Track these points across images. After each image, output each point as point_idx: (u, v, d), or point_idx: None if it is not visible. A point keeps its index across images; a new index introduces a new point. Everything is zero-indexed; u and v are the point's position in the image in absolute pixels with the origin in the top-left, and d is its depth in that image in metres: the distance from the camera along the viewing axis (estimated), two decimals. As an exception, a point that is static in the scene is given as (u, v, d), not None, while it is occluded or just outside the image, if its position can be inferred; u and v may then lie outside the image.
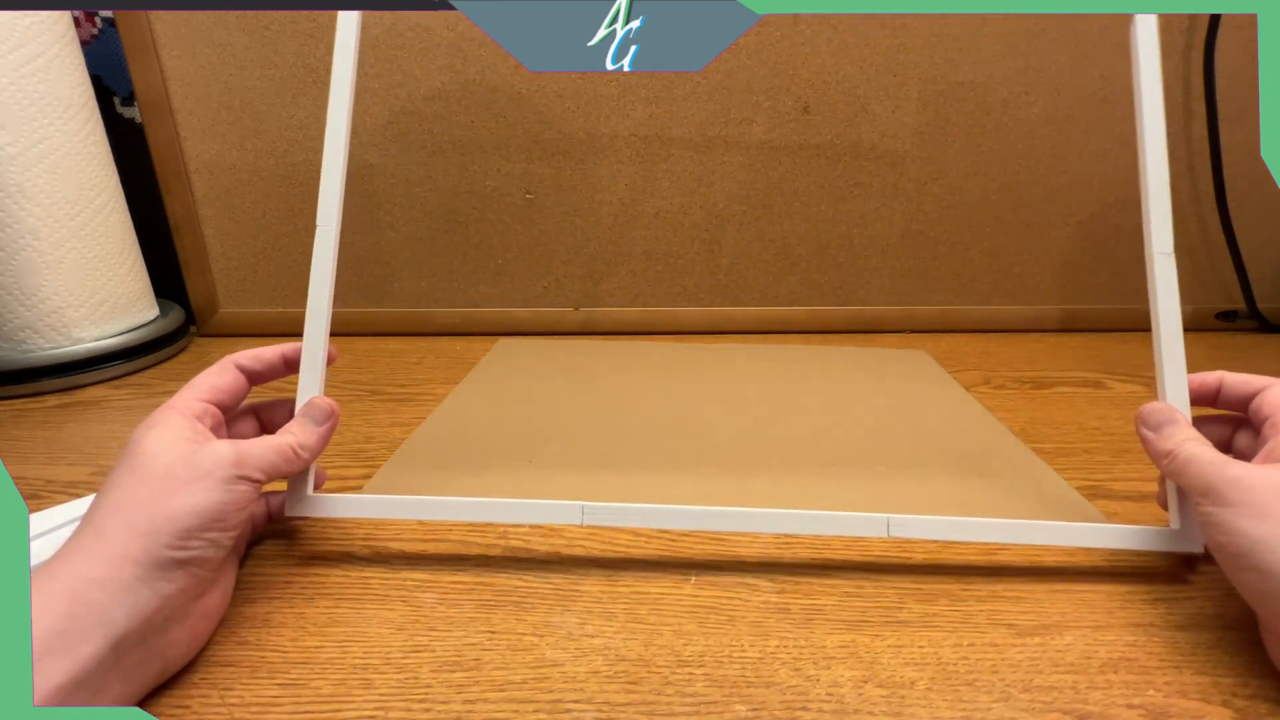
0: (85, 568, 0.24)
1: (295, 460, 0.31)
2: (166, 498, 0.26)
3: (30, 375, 0.54)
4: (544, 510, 0.33)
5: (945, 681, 0.26)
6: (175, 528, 0.25)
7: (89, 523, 0.26)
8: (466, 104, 0.62)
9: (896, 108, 0.63)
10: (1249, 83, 0.62)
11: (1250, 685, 0.26)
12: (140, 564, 0.24)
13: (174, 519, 0.26)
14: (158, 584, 0.25)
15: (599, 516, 0.32)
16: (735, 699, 0.25)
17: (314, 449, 0.32)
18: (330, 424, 0.33)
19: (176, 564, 0.25)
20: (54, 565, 0.24)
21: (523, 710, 0.25)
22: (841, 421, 0.48)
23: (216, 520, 0.27)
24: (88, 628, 0.22)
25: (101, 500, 0.26)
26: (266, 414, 0.35)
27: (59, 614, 0.22)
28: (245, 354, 0.33)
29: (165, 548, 0.25)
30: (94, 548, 0.24)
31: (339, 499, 0.33)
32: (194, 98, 0.62)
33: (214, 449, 0.28)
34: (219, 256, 0.66)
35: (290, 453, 0.30)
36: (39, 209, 0.52)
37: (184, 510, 0.26)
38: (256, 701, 0.25)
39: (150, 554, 0.25)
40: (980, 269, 0.68)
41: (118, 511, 0.25)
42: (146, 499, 0.26)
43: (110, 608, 0.23)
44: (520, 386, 0.54)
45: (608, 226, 0.66)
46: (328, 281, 0.35)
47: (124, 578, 0.24)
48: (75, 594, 0.23)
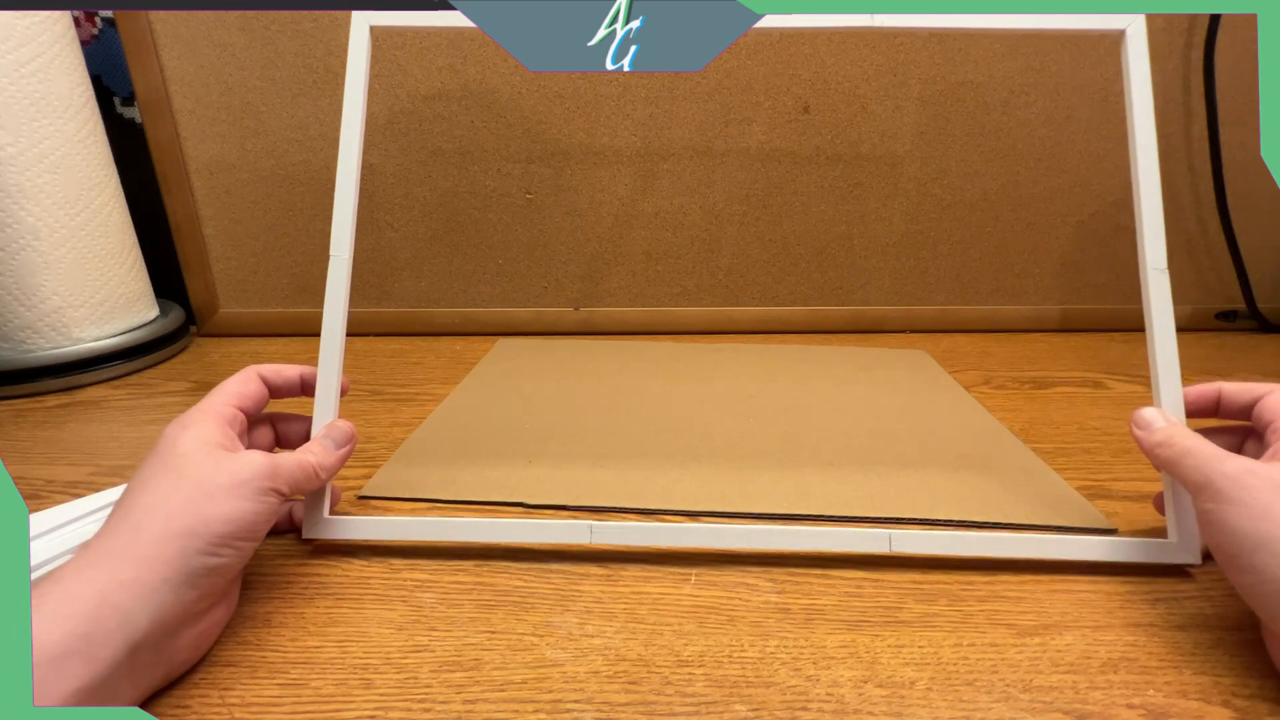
0: (116, 568, 0.24)
1: (315, 480, 0.32)
2: (205, 503, 0.26)
3: (30, 375, 0.54)
4: (553, 530, 0.33)
5: (945, 681, 0.26)
6: (211, 532, 0.26)
7: (124, 518, 0.26)
8: (466, 104, 0.62)
9: (896, 108, 0.63)
10: (1249, 83, 0.62)
11: (1250, 685, 0.26)
12: (171, 566, 0.25)
13: (210, 524, 0.26)
14: (182, 589, 0.25)
15: (607, 535, 0.33)
16: (735, 699, 0.25)
17: (332, 471, 0.33)
18: (349, 448, 0.34)
19: (205, 570, 0.26)
20: (87, 562, 0.24)
21: (523, 710, 0.25)
22: (841, 422, 0.48)
23: (248, 529, 0.27)
24: (110, 631, 0.23)
25: (137, 498, 0.26)
26: (283, 425, 0.36)
27: (84, 615, 0.22)
28: (268, 367, 0.34)
29: (198, 553, 0.25)
30: (129, 548, 0.25)
31: (356, 521, 0.34)
32: (194, 98, 0.62)
33: (251, 458, 0.28)
34: (219, 256, 0.66)
35: (312, 471, 0.31)
36: (39, 209, 0.52)
37: (220, 516, 0.26)
38: (256, 701, 0.25)
39: (183, 557, 0.25)
40: (980, 269, 0.68)
41: (154, 511, 0.26)
42: (185, 501, 0.26)
43: (134, 611, 0.23)
44: (520, 386, 0.54)
45: (608, 226, 0.66)
46: (341, 308, 0.35)
47: (152, 580, 0.24)
48: (104, 595, 0.23)
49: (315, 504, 0.34)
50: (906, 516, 0.37)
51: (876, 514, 0.37)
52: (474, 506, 0.38)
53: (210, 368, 0.60)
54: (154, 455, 0.28)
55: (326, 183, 0.64)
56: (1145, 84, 0.34)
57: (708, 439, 0.45)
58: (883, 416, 0.49)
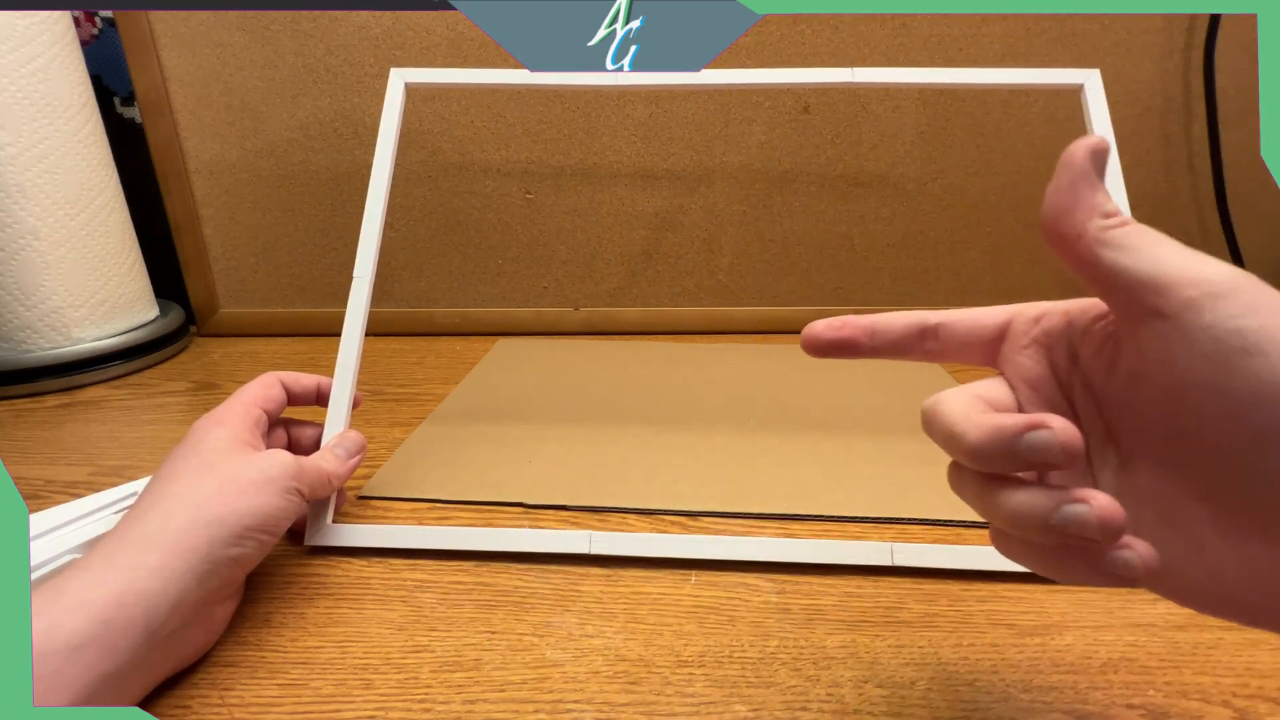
0: (142, 553, 0.24)
1: (328, 486, 0.33)
2: (234, 494, 0.27)
3: (30, 375, 0.54)
4: (552, 539, 0.33)
5: (945, 681, 0.26)
6: (239, 523, 0.27)
7: (153, 506, 0.26)
8: (466, 104, 0.62)
9: (896, 108, 0.63)
10: (1249, 83, 0.62)
11: (1250, 685, 0.26)
12: (197, 554, 0.25)
13: (239, 514, 0.27)
14: (206, 578, 0.25)
15: (606, 545, 0.33)
16: (735, 699, 0.25)
17: (342, 479, 0.34)
18: (359, 458, 0.35)
19: (229, 561, 0.26)
20: (112, 549, 0.25)
21: (523, 710, 0.25)
22: (842, 422, 0.48)
23: (272, 523, 0.28)
24: (132, 617, 0.23)
25: (167, 486, 0.27)
26: (296, 430, 0.37)
27: (106, 603, 0.23)
28: (288, 375, 0.36)
29: (224, 543, 0.26)
30: (156, 535, 0.25)
31: (358, 529, 0.34)
32: (194, 98, 0.62)
33: (280, 457, 0.29)
34: (219, 256, 0.66)
35: (326, 477, 0.32)
36: (39, 209, 0.52)
37: (249, 509, 0.27)
38: (256, 701, 0.25)
39: (210, 546, 0.26)
40: (980, 269, 0.68)
41: (184, 499, 0.26)
42: (214, 492, 0.27)
43: (157, 597, 0.24)
44: (520, 386, 0.54)
45: (608, 226, 0.66)
46: (361, 324, 0.38)
47: (178, 567, 0.25)
48: (129, 581, 0.24)
49: (319, 511, 0.34)
50: (907, 517, 0.36)
51: (877, 514, 0.37)
52: (474, 507, 0.38)
53: (210, 368, 0.60)
54: (184, 448, 0.29)
55: (327, 183, 0.64)
56: (1107, 130, 0.37)
57: (708, 439, 0.45)
58: (883, 417, 0.49)
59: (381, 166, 0.41)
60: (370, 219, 0.40)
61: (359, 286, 0.39)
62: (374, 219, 0.40)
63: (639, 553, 0.33)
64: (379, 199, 0.40)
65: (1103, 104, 0.38)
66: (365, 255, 0.39)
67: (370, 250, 0.39)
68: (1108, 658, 0.27)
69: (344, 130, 0.63)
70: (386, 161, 0.41)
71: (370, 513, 0.37)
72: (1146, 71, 0.62)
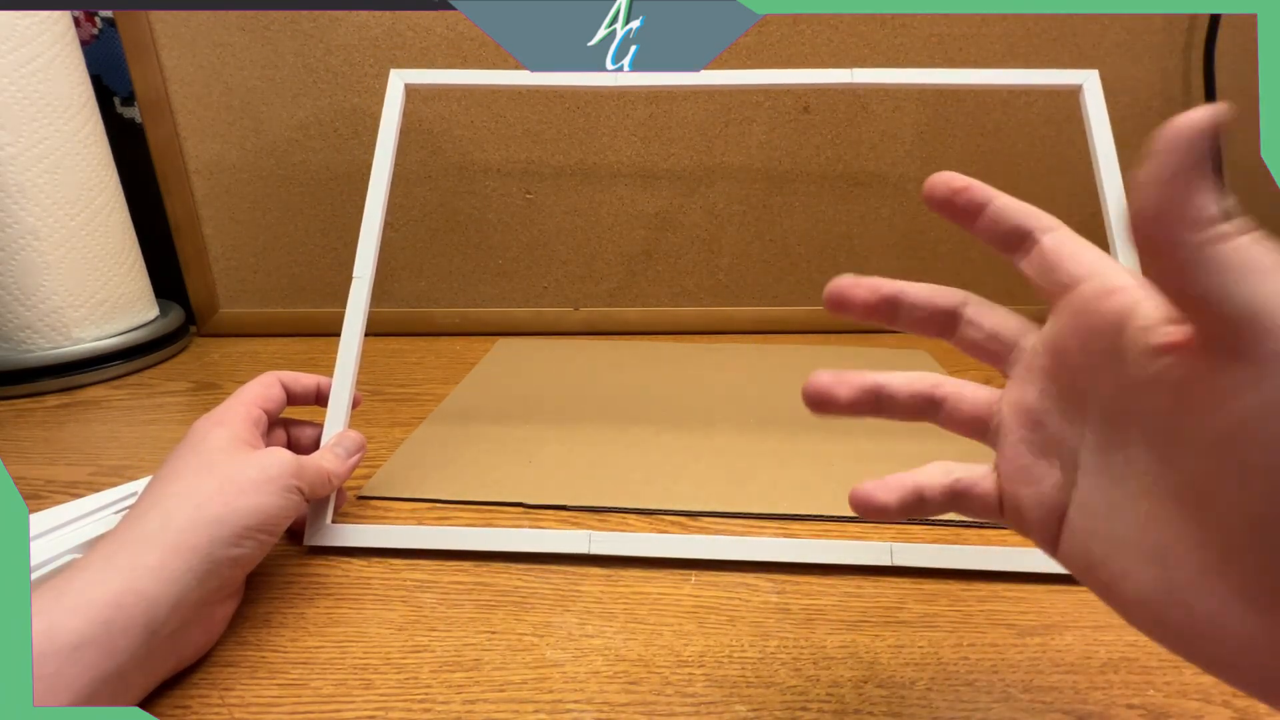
0: (143, 553, 0.24)
1: (328, 486, 0.33)
2: (234, 494, 0.27)
3: (30, 375, 0.54)
4: (552, 539, 0.33)
5: (945, 681, 0.26)
6: (239, 523, 0.27)
7: (153, 506, 0.26)
8: (466, 104, 0.62)
9: (896, 108, 0.63)
10: (1249, 83, 0.62)
11: (1250, 685, 0.26)
12: (197, 554, 0.25)
13: (240, 513, 0.27)
14: (206, 578, 0.25)
15: (606, 545, 0.33)
16: (735, 699, 0.25)
17: (342, 479, 0.34)
18: (358, 457, 0.35)
19: (229, 561, 0.26)
20: (112, 550, 0.25)
21: (523, 710, 0.25)
22: (841, 422, 0.48)
23: (272, 522, 0.28)
24: (132, 617, 0.23)
25: (167, 486, 0.27)
26: (295, 430, 0.37)
27: (106, 603, 0.23)
28: (288, 374, 0.36)
29: (225, 542, 0.26)
30: (157, 535, 0.25)
31: (358, 529, 0.34)
32: (194, 98, 0.62)
33: (280, 456, 0.29)
34: (219, 256, 0.66)
35: (326, 476, 0.32)
36: (39, 209, 0.52)
37: (249, 508, 0.27)
38: (256, 701, 0.25)
39: (210, 546, 0.26)
40: (980, 269, 0.68)
41: (184, 499, 0.26)
42: (214, 491, 0.27)
43: (157, 597, 0.24)
44: (520, 386, 0.54)
45: (608, 226, 0.66)
46: (360, 324, 0.38)
47: (178, 566, 0.25)
48: (129, 581, 0.23)
49: (319, 511, 0.34)
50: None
51: (876, 514, 0.37)
52: (474, 507, 0.38)
53: (210, 368, 0.60)
54: (184, 448, 0.29)
55: (326, 183, 0.64)
56: (1106, 131, 0.37)
57: (708, 439, 0.45)
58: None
59: (381, 166, 0.41)
60: (370, 219, 0.40)
61: (359, 286, 0.39)
62: (374, 219, 0.40)
63: (639, 553, 0.33)
64: (379, 199, 0.40)
65: (1102, 104, 0.38)
66: (365, 255, 0.39)
67: (370, 250, 0.39)
68: (1108, 658, 0.27)
69: (344, 130, 0.63)
70: (386, 161, 0.41)
71: (370, 513, 0.37)
72: (1146, 71, 0.62)
